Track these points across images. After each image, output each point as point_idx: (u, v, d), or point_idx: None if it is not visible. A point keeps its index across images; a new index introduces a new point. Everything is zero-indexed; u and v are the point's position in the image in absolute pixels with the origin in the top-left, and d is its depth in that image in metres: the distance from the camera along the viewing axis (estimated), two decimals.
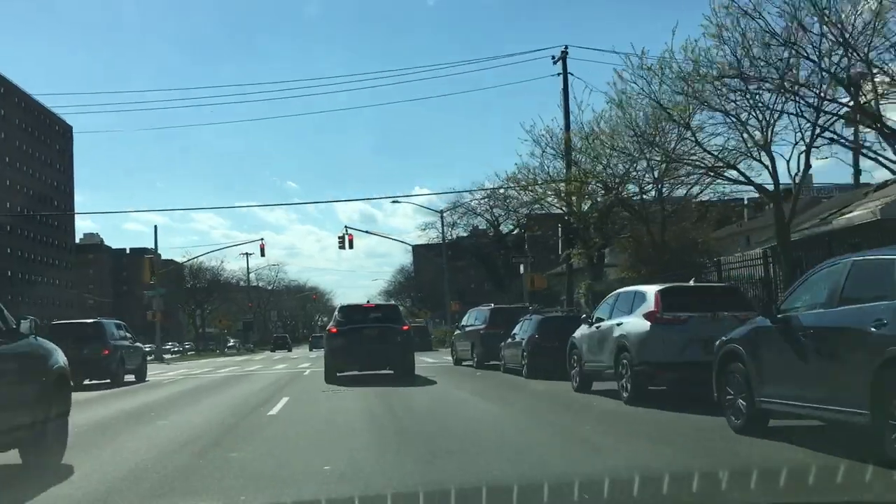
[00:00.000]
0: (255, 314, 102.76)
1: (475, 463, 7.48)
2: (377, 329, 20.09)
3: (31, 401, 7.39)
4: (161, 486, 6.85)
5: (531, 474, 6.74)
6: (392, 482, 6.48)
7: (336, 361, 20.13)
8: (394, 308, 22.66)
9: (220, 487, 6.70)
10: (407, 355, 20.37)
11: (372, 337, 19.93)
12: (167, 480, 7.06)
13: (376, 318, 20.74)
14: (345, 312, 21.07)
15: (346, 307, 21.74)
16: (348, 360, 20.07)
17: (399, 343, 20.11)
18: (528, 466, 7.22)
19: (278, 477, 7.09)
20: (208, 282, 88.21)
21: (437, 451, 8.18)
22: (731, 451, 7.87)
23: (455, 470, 7.16)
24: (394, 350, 19.91)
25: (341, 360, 20.06)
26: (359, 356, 19.88)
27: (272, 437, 9.97)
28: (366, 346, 19.74)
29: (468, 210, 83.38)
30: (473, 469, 7.14)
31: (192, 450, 8.85)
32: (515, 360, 20.50)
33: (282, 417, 12.29)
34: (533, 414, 12.46)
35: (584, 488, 5.67)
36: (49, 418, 7.65)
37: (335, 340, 20.24)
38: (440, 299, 72.70)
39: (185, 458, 8.25)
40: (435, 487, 6.02)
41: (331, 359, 20.24)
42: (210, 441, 9.58)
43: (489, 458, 7.71)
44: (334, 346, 20.22)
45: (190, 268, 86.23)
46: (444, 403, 13.98)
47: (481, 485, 5.81)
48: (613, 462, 7.46)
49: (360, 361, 20.09)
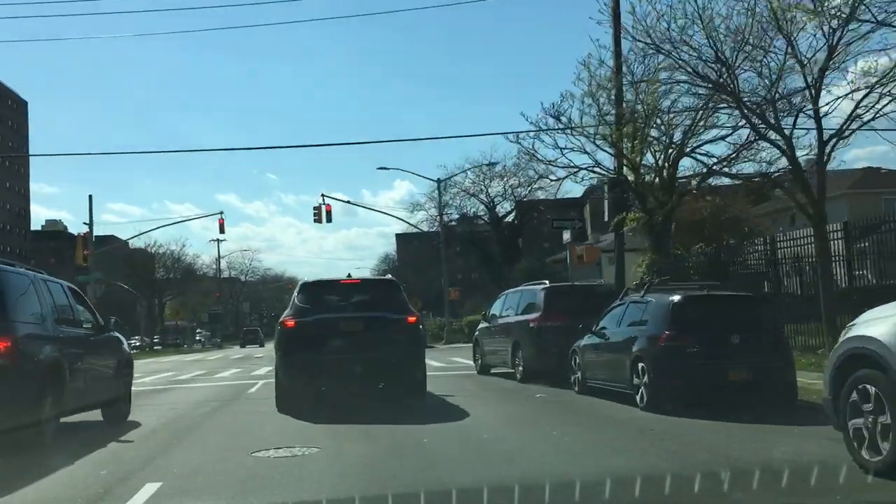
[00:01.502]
0: (227, 305, 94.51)
1: None
2: (363, 321, 11.82)
3: (113, 374, 11.13)
4: None
5: None
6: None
7: (293, 378, 11.89)
8: (390, 286, 13.06)
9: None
10: (415, 366, 12.16)
11: (355, 335, 11.69)
12: None
13: (362, 303, 12.36)
14: (310, 293, 12.47)
15: (311, 284, 12.92)
16: (313, 375, 11.78)
17: (401, 345, 11.85)
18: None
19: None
20: (174, 268, 79.50)
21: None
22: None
23: None
24: (393, 357, 11.62)
25: (302, 374, 11.80)
26: (332, 368, 11.65)
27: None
28: (345, 352, 11.57)
29: (462, 190, 75.94)
30: None
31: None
32: (617, 377, 11.76)
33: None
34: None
35: None
36: (122, 387, 11.41)
37: (291, 342, 11.88)
38: (428, 289, 64.52)
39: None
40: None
41: (285, 373, 11.94)
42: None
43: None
44: (290, 352, 11.91)
45: (155, 254, 77.99)
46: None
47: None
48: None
49: (334, 376, 11.81)
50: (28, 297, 9.04)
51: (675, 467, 6.70)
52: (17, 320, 8.51)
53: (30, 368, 8.47)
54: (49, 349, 9.00)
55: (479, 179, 75.47)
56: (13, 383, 8.08)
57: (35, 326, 8.96)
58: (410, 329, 12.02)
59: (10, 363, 8.09)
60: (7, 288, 8.52)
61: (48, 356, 8.89)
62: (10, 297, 8.52)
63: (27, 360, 8.47)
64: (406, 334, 11.93)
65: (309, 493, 6.27)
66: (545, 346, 15.46)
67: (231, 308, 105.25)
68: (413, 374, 12.07)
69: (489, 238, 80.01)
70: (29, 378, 8.39)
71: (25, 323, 8.71)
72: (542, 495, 5.68)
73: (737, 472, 6.28)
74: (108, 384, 10.91)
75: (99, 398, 10.65)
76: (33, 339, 8.81)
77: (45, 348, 8.93)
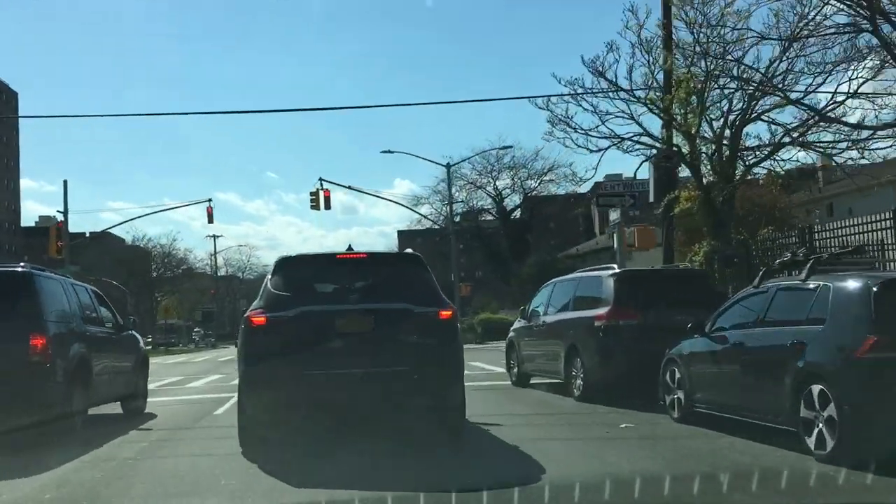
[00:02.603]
0: (225, 303, 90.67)
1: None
2: (373, 317, 7.87)
3: (132, 369, 11.74)
4: None
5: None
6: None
7: (261, 405, 7.90)
8: (412, 263, 8.75)
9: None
10: (451, 385, 8.13)
11: (360, 339, 7.79)
12: None
13: (370, 288, 8.32)
14: (291, 274, 8.31)
15: (292, 261, 8.69)
16: (294, 401, 7.85)
17: (431, 353, 7.85)
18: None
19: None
20: (165, 263, 75.68)
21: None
22: None
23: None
24: (418, 371, 7.71)
25: (276, 400, 7.83)
26: (324, 391, 7.71)
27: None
28: (344, 364, 7.66)
29: (469, 182, 72.02)
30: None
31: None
32: (761, 404, 7.63)
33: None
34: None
35: None
36: (139, 381, 12.12)
37: (260, 349, 7.86)
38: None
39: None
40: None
41: (250, 398, 7.94)
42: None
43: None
44: (257, 365, 7.82)
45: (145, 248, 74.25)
46: None
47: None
48: None
49: (326, 402, 7.89)
50: (58, 299, 9.69)
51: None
52: (50, 320, 9.12)
53: (61, 364, 9.10)
54: (77, 347, 9.64)
55: (487, 171, 71.76)
56: (47, 377, 8.80)
57: (65, 326, 9.62)
58: (444, 328, 7.94)
59: (45, 359, 8.78)
60: (40, 291, 9.18)
61: (77, 353, 9.55)
62: (44, 299, 9.17)
63: (59, 357, 9.09)
64: (438, 337, 7.88)
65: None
66: (616, 352, 11.41)
67: (228, 306, 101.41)
68: (448, 398, 8.03)
69: (496, 233, 76.25)
70: (60, 373, 9.04)
71: (57, 322, 9.35)
72: None
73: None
74: (127, 379, 11.64)
75: (120, 391, 11.41)
76: (64, 338, 9.42)
77: (73, 346, 9.57)
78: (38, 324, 8.82)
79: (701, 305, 11.45)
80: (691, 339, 9.24)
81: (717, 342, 8.63)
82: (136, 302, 63.34)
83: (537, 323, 14.11)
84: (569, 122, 21.15)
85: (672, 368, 9.53)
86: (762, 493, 5.70)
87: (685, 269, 12.80)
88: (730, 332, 8.46)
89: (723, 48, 18.05)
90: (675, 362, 9.45)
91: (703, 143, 20.62)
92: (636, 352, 11.18)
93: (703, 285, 11.96)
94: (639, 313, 11.35)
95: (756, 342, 7.95)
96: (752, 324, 8.12)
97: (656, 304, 11.52)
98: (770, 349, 7.62)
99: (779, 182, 22.34)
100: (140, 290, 69.50)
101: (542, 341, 13.76)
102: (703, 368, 8.88)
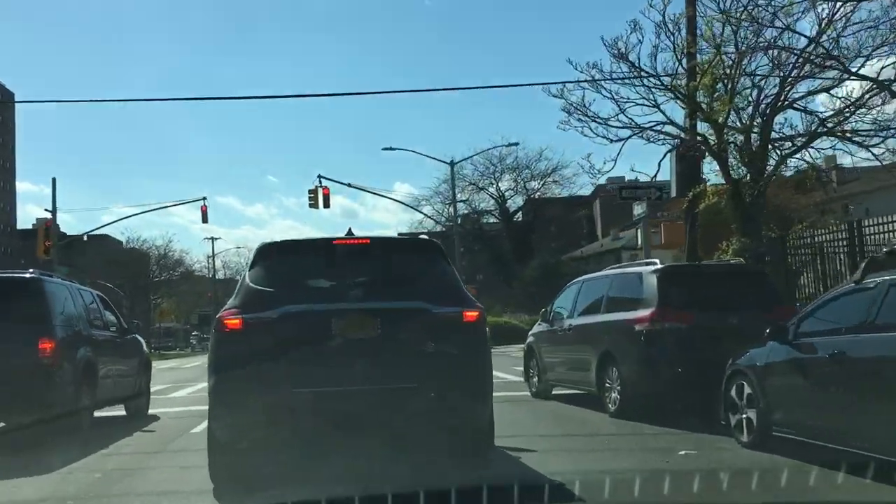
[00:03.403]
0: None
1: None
2: (380, 318, 6.25)
3: (135, 372, 12.08)
4: None
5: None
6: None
7: (236, 429, 6.18)
8: (429, 251, 7.07)
9: None
10: (477, 402, 6.46)
11: (364, 346, 6.14)
12: None
13: (376, 282, 6.68)
14: (274, 265, 6.64)
15: (276, 248, 6.87)
16: (278, 423, 6.20)
17: (453, 364, 6.17)
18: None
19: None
20: (160, 264, 74.24)
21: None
22: None
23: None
24: (438, 387, 6.07)
25: (254, 423, 6.09)
26: (316, 413, 6.07)
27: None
28: (343, 379, 6.05)
29: (471, 184, 70.63)
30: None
31: None
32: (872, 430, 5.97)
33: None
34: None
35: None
36: (142, 383, 12.36)
37: (234, 359, 6.11)
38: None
39: None
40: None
41: (221, 421, 6.24)
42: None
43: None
44: (230, 379, 6.12)
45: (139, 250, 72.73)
46: None
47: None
48: None
49: (320, 427, 6.18)
50: (66, 304, 10.06)
51: None
52: (58, 325, 9.55)
53: (69, 367, 9.52)
54: (84, 350, 10.03)
55: (489, 172, 70.41)
56: (56, 379, 9.22)
57: (72, 330, 10.03)
58: (470, 333, 6.31)
59: (53, 362, 9.19)
60: (49, 296, 9.56)
61: (83, 356, 9.95)
62: (52, 304, 9.56)
63: (67, 360, 9.49)
64: (462, 344, 6.24)
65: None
66: (661, 361, 9.77)
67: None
68: (473, 419, 6.39)
69: (499, 235, 74.80)
70: (68, 375, 9.46)
71: (65, 327, 9.80)
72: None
73: None
74: (131, 381, 11.92)
75: (124, 393, 11.63)
76: (71, 342, 9.81)
77: (80, 349, 9.96)
78: (47, 328, 9.23)
79: (759, 306, 9.90)
80: (765, 347, 7.58)
81: (806, 351, 6.96)
82: (131, 305, 61.90)
83: (562, 327, 12.42)
84: (586, 111, 19.61)
85: (739, 382, 7.84)
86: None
87: (739, 265, 11.15)
88: (824, 339, 6.78)
89: (771, 14, 16.26)
90: (745, 375, 7.77)
91: (730, 132, 19.10)
92: (684, 360, 9.60)
93: (762, 283, 10.30)
94: (688, 315, 9.69)
95: (864, 351, 6.27)
96: (857, 328, 6.45)
97: (707, 304, 9.90)
98: (886, 361, 5.96)
99: (814, 175, 20.68)
100: (135, 292, 67.98)
101: (569, 348, 12.08)
102: (786, 383, 7.20)
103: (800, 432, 6.98)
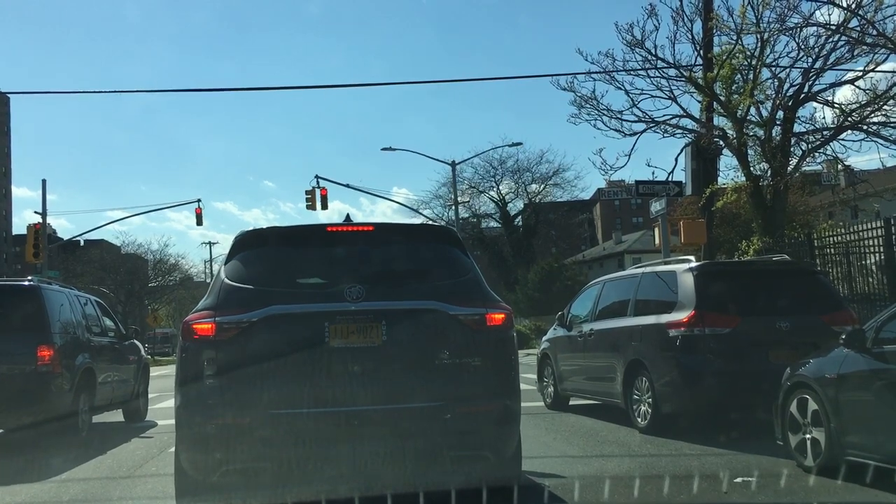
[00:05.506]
0: None
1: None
2: (385, 320, 5.14)
3: (133, 377, 12.19)
4: None
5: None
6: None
7: (207, 453, 4.97)
8: (443, 239, 5.91)
9: None
10: (504, 425, 5.30)
11: (364, 356, 5.04)
12: None
13: (380, 276, 5.49)
14: (255, 258, 5.42)
15: (257, 237, 5.58)
16: (257, 451, 4.92)
17: (477, 378, 5.09)
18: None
19: None
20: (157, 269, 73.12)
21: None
22: None
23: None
24: (456, 406, 4.91)
25: (230, 446, 4.87)
26: (305, 441, 4.87)
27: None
28: (338, 399, 4.93)
29: (471, 186, 69.52)
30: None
31: None
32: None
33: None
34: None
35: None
36: (140, 388, 12.54)
37: (203, 371, 4.95)
38: None
39: None
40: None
41: (188, 447, 5.10)
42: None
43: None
44: (200, 399, 4.96)
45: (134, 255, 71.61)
46: None
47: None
48: None
49: (310, 459, 4.96)
50: (64, 310, 10.16)
51: None
52: (56, 332, 9.64)
53: (67, 374, 9.63)
54: (82, 357, 10.17)
55: (490, 175, 69.28)
56: (54, 386, 9.31)
57: (71, 337, 10.15)
58: (494, 340, 5.20)
59: (52, 370, 9.29)
60: (48, 304, 9.63)
61: (82, 363, 10.06)
62: (51, 311, 9.63)
63: (65, 367, 9.60)
64: (485, 353, 5.13)
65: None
66: (701, 370, 8.65)
67: None
68: (499, 446, 5.22)
69: (499, 239, 73.60)
70: (67, 382, 9.57)
71: (63, 334, 9.88)
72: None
73: None
74: (129, 386, 12.07)
75: (122, 398, 11.85)
76: (70, 348, 9.91)
77: (79, 356, 10.07)
78: (46, 335, 9.36)
79: (813, 309, 8.80)
80: (835, 356, 6.47)
81: (892, 361, 5.83)
82: (125, 310, 60.81)
83: (581, 332, 11.28)
84: (597, 104, 18.56)
85: (802, 396, 6.72)
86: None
87: (789, 262, 9.96)
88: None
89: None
90: (809, 388, 6.64)
91: (750, 126, 18.06)
92: (727, 370, 8.49)
93: (816, 283, 9.15)
94: (731, 319, 8.57)
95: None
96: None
97: (752, 306, 8.81)
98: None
99: (840, 168, 19.59)
100: (129, 297, 66.82)
101: (590, 355, 10.94)
102: (866, 399, 6.08)
103: (884, 458, 5.84)
